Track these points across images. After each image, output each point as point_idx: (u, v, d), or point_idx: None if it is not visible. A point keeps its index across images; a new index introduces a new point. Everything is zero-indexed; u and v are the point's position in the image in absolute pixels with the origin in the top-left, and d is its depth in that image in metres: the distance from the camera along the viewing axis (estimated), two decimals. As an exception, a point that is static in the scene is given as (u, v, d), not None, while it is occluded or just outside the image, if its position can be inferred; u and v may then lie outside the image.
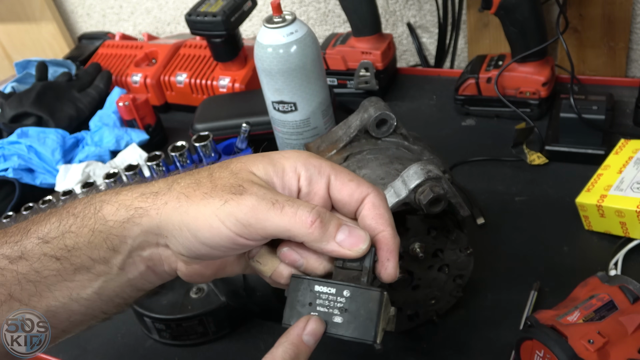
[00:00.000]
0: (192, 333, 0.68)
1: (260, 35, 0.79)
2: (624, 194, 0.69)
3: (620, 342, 0.51)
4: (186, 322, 0.67)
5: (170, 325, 0.68)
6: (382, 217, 0.42)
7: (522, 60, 0.92)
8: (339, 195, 0.42)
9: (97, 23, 1.61)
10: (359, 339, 0.42)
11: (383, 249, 0.41)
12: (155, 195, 0.41)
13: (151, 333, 0.70)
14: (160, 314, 0.68)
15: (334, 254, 0.40)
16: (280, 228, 0.39)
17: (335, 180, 0.42)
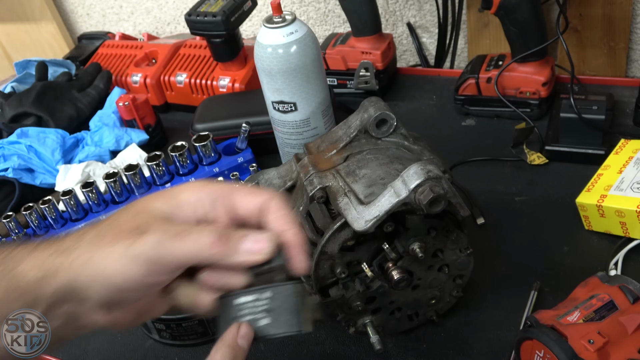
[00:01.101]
0: (192, 333, 0.68)
1: (260, 35, 0.79)
2: (624, 194, 0.69)
3: (620, 342, 0.51)
4: (186, 322, 0.67)
5: (170, 325, 0.68)
6: (284, 218, 0.44)
7: (522, 60, 0.92)
8: (242, 210, 0.45)
9: (97, 23, 1.61)
10: (287, 332, 0.44)
11: (291, 246, 0.44)
12: (67, 251, 0.43)
13: (151, 333, 0.70)
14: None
15: (245, 263, 0.43)
16: (188, 256, 0.42)
17: (235, 199, 0.45)
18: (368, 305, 0.61)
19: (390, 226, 0.55)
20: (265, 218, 0.45)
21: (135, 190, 0.88)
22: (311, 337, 0.68)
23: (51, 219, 0.87)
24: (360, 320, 0.62)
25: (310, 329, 0.44)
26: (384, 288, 0.59)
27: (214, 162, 0.91)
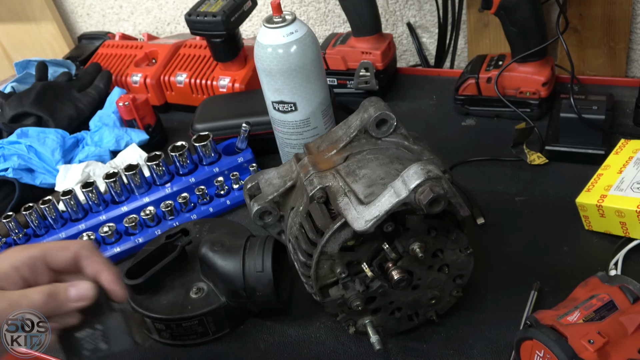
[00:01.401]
0: (192, 333, 0.68)
1: (260, 35, 0.79)
2: (624, 194, 0.69)
3: (620, 342, 0.51)
4: (186, 322, 0.67)
5: (170, 325, 0.68)
6: (94, 262, 0.54)
7: (522, 60, 0.92)
8: (58, 265, 0.54)
9: (97, 23, 1.61)
10: (125, 348, 0.55)
11: (105, 283, 0.54)
12: None
13: (151, 333, 0.70)
14: (160, 314, 0.68)
15: (77, 308, 0.52)
16: None
17: (48, 258, 0.53)
18: (368, 305, 0.61)
19: (390, 226, 0.55)
20: (81, 265, 0.54)
21: (135, 190, 0.88)
22: (311, 337, 0.68)
23: (51, 219, 0.87)
24: (360, 320, 0.62)
25: (145, 340, 0.65)
26: (384, 288, 0.59)
27: (214, 162, 0.91)
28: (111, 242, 0.84)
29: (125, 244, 0.84)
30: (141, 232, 0.85)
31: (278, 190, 0.65)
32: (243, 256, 0.66)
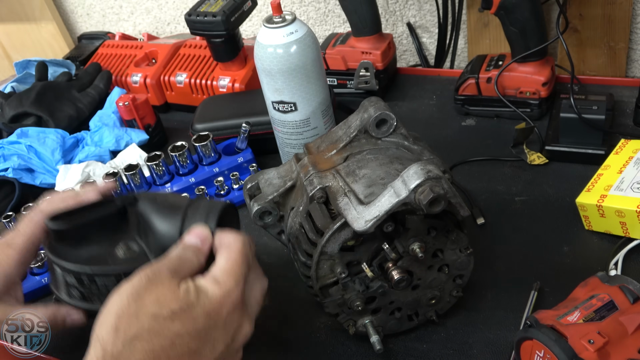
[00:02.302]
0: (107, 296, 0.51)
1: (260, 35, 0.79)
2: (624, 194, 0.69)
3: (621, 342, 0.51)
4: (102, 278, 0.53)
5: (82, 279, 0.54)
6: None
7: (522, 60, 0.92)
8: None
9: (97, 23, 1.61)
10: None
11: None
12: None
13: (59, 290, 0.56)
14: (74, 263, 0.54)
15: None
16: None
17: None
18: (368, 305, 0.61)
19: (390, 226, 0.55)
20: None
21: (135, 190, 0.88)
22: (311, 337, 0.68)
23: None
24: (360, 320, 0.62)
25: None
26: (384, 288, 0.59)
27: (214, 162, 0.91)
28: (111, 242, 0.84)
29: (125, 244, 0.84)
30: (141, 232, 0.85)
31: (278, 190, 0.65)
32: (184, 215, 0.54)
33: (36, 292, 0.79)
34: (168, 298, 0.45)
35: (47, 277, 0.80)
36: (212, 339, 0.46)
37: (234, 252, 0.50)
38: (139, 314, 0.43)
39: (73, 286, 0.55)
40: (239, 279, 0.48)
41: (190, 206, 0.55)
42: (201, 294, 0.46)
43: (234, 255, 0.49)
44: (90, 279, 0.54)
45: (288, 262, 0.70)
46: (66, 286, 0.55)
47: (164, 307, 0.44)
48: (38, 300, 0.78)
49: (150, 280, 0.46)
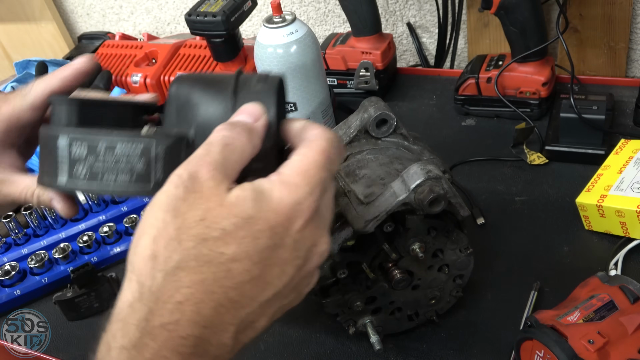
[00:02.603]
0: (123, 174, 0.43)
1: (260, 35, 0.79)
2: (624, 194, 0.69)
3: (621, 342, 0.51)
4: (126, 146, 0.41)
5: (97, 148, 0.42)
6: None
7: (522, 60, 0.92)
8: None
9: (97, 23, 1.61)
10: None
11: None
12: None
13: (54, 175, 0.44)
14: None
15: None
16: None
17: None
18: (368, 305, 0.61)
19: (390, 226, 0.55)
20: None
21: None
22: (311, 337, 0.68)
23: (51, 219, 0.87)
24: (360, 320, 0.62)
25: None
26: (384, 288, 0.59)
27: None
28: (111, 242, 0.84)
29: (125, 244, 0.84)
30: (141, 232, 0.85)
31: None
32: (234, 91, 0.42)
33: (36, 292, 0.79)
34: (216, 212, 0.34)
35: (47, 277, 0.80)
36: (280, 261, 0.36)
37: (315, 151, 0.38)
38: (180, 236, 0.34)
39: (80, 160, 0.42)
40: (315, 185, 0.37)
41: (239, 82, 0.42)
42: (263, 202, 0.35)
43: (315, 154, 0.38)
44: (109, 146, 0.41)
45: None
46: (69, 163, 0.42)
47: (212, 226, 0.34)
48: (38, 301, 0.79)
49: (188, 189, 0.35)
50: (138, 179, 0.39)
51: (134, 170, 0.39)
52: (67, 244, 0.83)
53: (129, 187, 0.39)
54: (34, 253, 0.82)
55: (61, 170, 0.42)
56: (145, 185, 0.39)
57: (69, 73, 0.49)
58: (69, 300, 0.73)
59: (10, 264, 0.81)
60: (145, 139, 0.39)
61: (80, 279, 0.73)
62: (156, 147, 0.39)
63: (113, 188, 0.39)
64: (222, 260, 0.33)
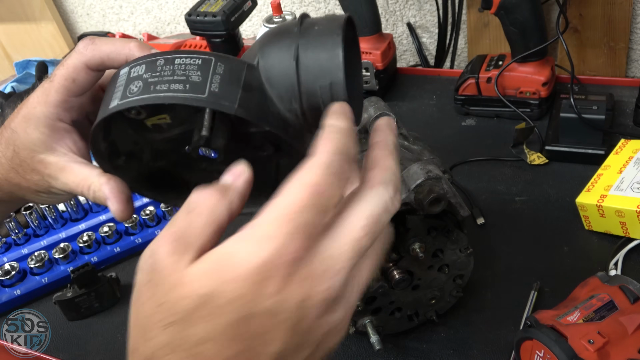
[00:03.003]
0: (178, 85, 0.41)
1: (260, 35, 0.79)
2: (624, 194, 0.69)
3: (621, 342, 0.51)
4: (185, 58, 0.39)
5: (156, 62, 0.39)
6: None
7: (522, 60, 0.92)
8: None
9: (97, 23, 1.61)
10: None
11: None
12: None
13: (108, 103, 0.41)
14: None
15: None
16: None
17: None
18: (368, 305, 0.61)
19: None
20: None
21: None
22: (311, 337, 0.68)
23: (51, 219, 0.87)
24: (360, 320, 0.62)
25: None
26: (384, 288, 0.59)
27: (214, 162, 0.90)
28: (111, 242, 0.84)
29: (125, 244, 0.84)
30: (141, 232, 0.85)
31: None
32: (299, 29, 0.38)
33: (36, 292, 0.79)
34: (176, 293, 0.30)
35: (47, 277, 0.80)
36: (261, 329, 0.30)
37: (296, 187, 0.31)
38: (149, 325, 0.31)
39: (136, 78, 0.38)
40: (294, 231, 0.30)
41: (303, 23, 0.39)
42: (222, 272, 0.30)
43: (295, 192, 0.30)
44: (168, 59, 0.38)
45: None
46: (125, 85, 0.38)
47: (173, 309, 0.30)
48: (38, 301, 0.79)
49: (151, 269, 0.32)
50: (192, 88, 0.36)
51: (189, 80, 0.36)
52: (67, 244, 0.83)
53: (179, 94, 0.36)
54: (34, 253, 0.82)
55: (115, 97, 0.38)
56: (199, 93, 0.36)
57: (122, 48, 0.44)
58: (69, 300, 0.73)
59: (10, 264, 0.81)
60: (204, 55, 0.37)
61: (80, 279, 0.73)
62: (216, 62, 0.37)
63: (164, 95, 0.36)
64: (192, 343, 0.30)
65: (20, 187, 0.47)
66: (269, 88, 0.38)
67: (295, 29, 0.38)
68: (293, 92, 0.37)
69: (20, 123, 0.45)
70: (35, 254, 0.81)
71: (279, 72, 0.38)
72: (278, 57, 0.38)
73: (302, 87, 0.37)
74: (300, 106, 0.38)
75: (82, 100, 0.46)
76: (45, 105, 0.44)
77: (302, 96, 0.37)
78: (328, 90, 0.37)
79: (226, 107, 0.35)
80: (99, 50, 0.44)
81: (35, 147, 0.44)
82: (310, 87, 0.37)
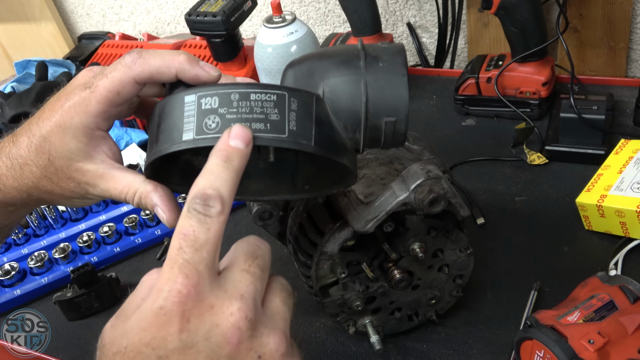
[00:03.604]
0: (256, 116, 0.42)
1: (260, 35, 0.79)
2: (624, 194, 0.69)
3: (621, 342, 0.51)
4: (260, 94, 0.40)
5: (231, 99, 0.40)
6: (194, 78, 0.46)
7: (522, 60, 0.92)
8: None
9: (97, 23, 1.61)
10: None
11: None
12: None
13: (176, 135, 0.41)
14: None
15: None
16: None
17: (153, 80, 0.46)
18: (368, 305, 0.61)
19: (390, 226, 0.55)
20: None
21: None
22: (311, 337, 0.68)
23: (51, 219, 0.87)
24: (360, 320, 0.62)
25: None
26: (384, 288, 0.59)
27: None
28: (111, 242, 0.84)
29: (125, 244, 0.84)
30: (141, 232, 0.85)
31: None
32: (365, 59, 0.42)
33: (36, 292, 0.79)
34: (109, 355, 0.35)
35: (47, 277, 0.80)
36: None
37: (175, 232, 0.36)
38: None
39: (211, 112, 0.39)
40: (178, 266, 0.34)
41: (367, 55, 0.42)
42: (132, 326, 0.34)
43: (174, 234, 0.35)
44: (243, 95, 0.39)
45: (288, 262, 0.70)
46: (197, 117, 0.39)
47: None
48: (38, 301, 0.79)
49: (100, 339, 0.36)
50: (273, 128, 0.38)
51: (268, 119, 0.38)
52: (67, 244, 0.83)
53: (263, 135, 0.37)
54: (34, 253, 0.82)
55: (187, 128, 0.39)
56: (280, 133, 0.38)
57: (172, 61, 0.44)
58: (69, 300, 0.73)
59: (10, 264, 0.81)
60: (277, 90, 0.39)
61: (80, 279, 0.73)
62: (289, 97, 0.38)
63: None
64: None
65: (52, 194, 0.47)
66: (335, 120, 0.41)
67: (360, 62, 0.41)
68: (359, 125, 0.41)
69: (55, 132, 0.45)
70: (35, 254, 0.82)
71: (347, 107, 0.41)
72: (346, 92, 0.41)
73: (369, 122, 0.41)
74: (363, 137, 0.41)
75: (121, 109, 0.46)
76: (85, 115, 0.45)
77: (366, 129, 0.41)
78: (392, 125, 0.43)
79: (304, 145, 0.38)
80: (147, 65, 0.44)
81: (73, 156, 0.45)
82: (375, 122, 0.42)
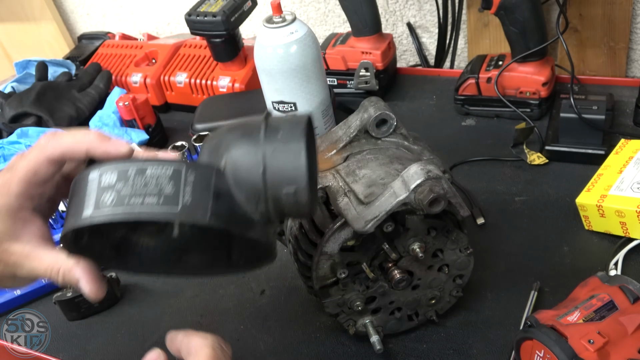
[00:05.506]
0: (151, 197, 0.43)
1: (260, 35, 0.79)
2: (624, 194, 0.69)
3: (621, 342, 0.51)
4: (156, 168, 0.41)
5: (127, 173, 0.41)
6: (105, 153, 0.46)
7: (522, 60, 0.92)
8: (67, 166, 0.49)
9: (97, 23, 1.61)
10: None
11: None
12: None
13: (81, 209, 0.42)
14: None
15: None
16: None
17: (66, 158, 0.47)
18: (368, 305, 0.61)
19: (390, 226, 0.55)
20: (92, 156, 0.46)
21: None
22: (311, 337, 0.68)
23: (51, 219, 0.86)
24: (360, 320, 0.62)
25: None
26: (384, 288, 0.59)
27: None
28: (111, 242, 0.84)
29: (125, 244, 0.84)
30: (141, 232, 0.85)
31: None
32: (265, 134, 0.42)
33: (36, 292, 0.79)
34: None
35: None
36: None
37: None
38: None
39: (108, 188, 0.39)
40: None
41: (268, 125, 0.42)
42: None
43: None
44: (140, 170, 0.40)
45: (288, 262, 0.70)
46: (97, 194, 0.40)
47: None
48: (38, 301, 0.79)
49: None
50: (165, 201, 0.38)
51: (162, 193, 0.38)
52: (67, 244, 0.83)
53: (154, 209, 0.38)
54: (34, 253, 0.82)
55: (87, 205, 0.40)
56: (173, 207, 0.38)
57: (82, 140, 0.46)
58: (69, 300, 0.73)
59: (10, 264, 0.81)
60: (176, 163, 0.39)
61: (80, 279, 0.73)
62: (186, 171, 0.39)
63: (139, 210, 0.38)
64: None
65: None
66: (237, 192, 0.40)
67: (260, 133, 0.41)
68: (260, 197, 0.41)
69: None
70: (35, 254, 0.81)
71: (246, 178, 0.40)
72: (245, 163, 0.41)
73: (269, 193, 0.40)
74: (266, 209, 0.41)
75: (43, 189, 0.47)
76: (7, 197, 0.46)
77: (268, 200, 0.41)
78: (292, 196, 0.40)
79: (199, 218, 0.38)
80: (59, 144, 0.45)
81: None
82: (276, 193, 0.41)
